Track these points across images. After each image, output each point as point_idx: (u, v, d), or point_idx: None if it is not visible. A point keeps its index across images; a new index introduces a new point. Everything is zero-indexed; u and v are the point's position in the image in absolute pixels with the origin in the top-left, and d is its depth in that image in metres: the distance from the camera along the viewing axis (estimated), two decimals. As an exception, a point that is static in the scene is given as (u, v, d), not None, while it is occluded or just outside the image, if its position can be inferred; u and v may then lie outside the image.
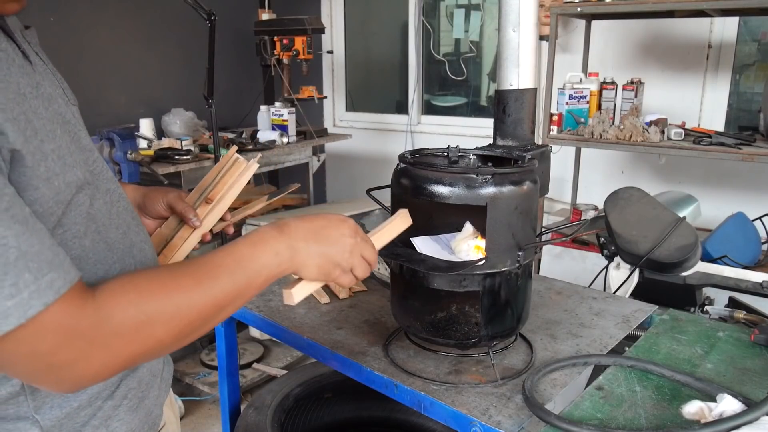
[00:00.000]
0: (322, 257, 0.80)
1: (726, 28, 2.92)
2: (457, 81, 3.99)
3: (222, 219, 1.06)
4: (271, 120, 3.44)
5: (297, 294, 0.84)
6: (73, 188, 0.69)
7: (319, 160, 3.79)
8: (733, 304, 1.67)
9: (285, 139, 3.33)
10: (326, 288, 1.56)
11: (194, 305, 0.68)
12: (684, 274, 1.69)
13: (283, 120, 3.41)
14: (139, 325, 0.64)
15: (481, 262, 1.09)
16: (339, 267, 0.82)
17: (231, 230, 1.11)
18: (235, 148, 1.09)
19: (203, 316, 0.69)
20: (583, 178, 3.28)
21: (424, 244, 1.16)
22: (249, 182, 4.09)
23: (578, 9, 2.66)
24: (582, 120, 2.79)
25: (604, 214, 1.79)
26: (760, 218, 2.38)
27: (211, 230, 1.06)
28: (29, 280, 0.57)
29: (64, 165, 0.67)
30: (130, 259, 0.79)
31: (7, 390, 0.69)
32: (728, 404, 0.94)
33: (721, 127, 2.94)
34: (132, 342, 0.64)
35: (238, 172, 1.01)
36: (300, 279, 0.84)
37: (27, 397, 0.70)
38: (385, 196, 1.25)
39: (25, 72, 0.67)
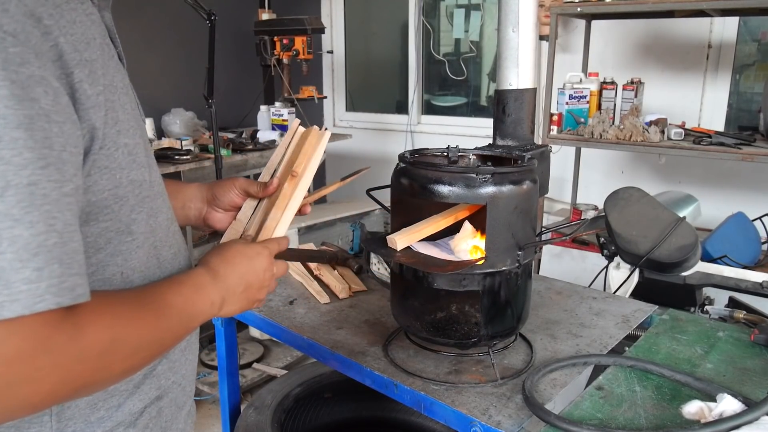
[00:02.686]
0: (245, 299, 0.85)
1: (726, 28, 2.92)
2: (457, 81, 3.99)
3: None
4: (271, 120, 3.44)
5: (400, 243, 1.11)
6: (135, 188, 0.69)
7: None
8: (733, 304, 1.68)
9: (285, 139, 3.32)
10: (326, 288, 1.56)
11: (150, 341, 0.67)
12: (684, 274, 1.69)
13: (283, 120, 3.41)
14: (103, 351, 0.59)
15: (481, 262, 1.09)
16: (257, 299, 0.88)
17: (308, 210, 1.03)
18: (298, 121, 1.04)
19: (152, 353, 0.69)
20: (582, 178, 3.28)
21: (423, 246, 1.16)
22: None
23: (578, 9, 2.66)
24: (582, 120, 2.79)
25: (604, 214, 1.79)
26: (760, 218, 2.38)
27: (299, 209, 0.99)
28: (55, 273, 0.52)
29: (132, 162, 0.68)
30: None
31: None
32: (728, 404, 0.94)
33: (721, 127, 2.94)
34: (89, 369, 0.58)
35: (313, 142, 0.96)
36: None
37: (51, 417, 0.67)
38: (385, 196, 1.25)
39: (119, 70, 0.69)
